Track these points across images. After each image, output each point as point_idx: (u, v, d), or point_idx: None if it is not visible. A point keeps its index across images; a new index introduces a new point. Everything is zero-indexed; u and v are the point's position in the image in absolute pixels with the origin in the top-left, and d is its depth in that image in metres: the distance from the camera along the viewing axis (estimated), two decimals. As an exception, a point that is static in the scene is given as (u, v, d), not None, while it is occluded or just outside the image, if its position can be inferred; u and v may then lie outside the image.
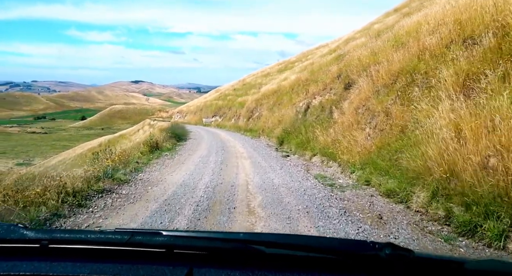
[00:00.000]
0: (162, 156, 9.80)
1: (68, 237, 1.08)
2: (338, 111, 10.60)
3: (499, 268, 1.04)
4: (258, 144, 13.81)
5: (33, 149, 62.75)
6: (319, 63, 20.33)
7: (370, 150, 6.78)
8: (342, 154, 7.38)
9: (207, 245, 1.04)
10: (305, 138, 10.96)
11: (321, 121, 10.86)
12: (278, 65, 41.49)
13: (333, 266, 1.00)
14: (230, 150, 11.27)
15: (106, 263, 0.96)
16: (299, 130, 12.26)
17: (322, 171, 7.52)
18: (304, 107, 13.30)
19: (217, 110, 34.00)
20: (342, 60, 14.08)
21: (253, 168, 7.72)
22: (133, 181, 6.12)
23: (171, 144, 13.19)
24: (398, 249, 0.97)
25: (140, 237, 1.04)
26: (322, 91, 13.22)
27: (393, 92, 7.66)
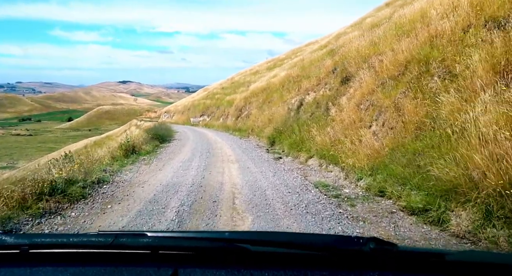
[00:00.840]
0: (139, 161, 8.52)
1: (49, 242, 1.04)
2: (335, 108, 9.48)
3: (478, 259, 1.04)
4: (247, 145, 12.62)
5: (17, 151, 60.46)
6: (310, 59, 19.29)
7: (381, 152, 5.65)
8: (346, 157, 6.23)
9: (193, 245, 1.03)
10: (299, 138, 9.81)
11: (316, 119, 9.73)
12: (267, 63, 40.29)
13: (318, 262, 0.98)
14: (216, 153, 10.04)
15: (89, 267, 0.94)
16: (292, 129, 11.11)
17: (323, 178, 6.36)
18: (296, 104, 12.16)
19: (205, 110, 32.66)
20: (337, 54, 12.98)
21: (242, 174, 6.52)
22: (92, 197, 4.87)
23: (152, 146, 11.90)
24: (382, 243, 0.99)
25: (124, 239, 1.02)
26: (316, 86, 12.09)
27: (402, 84, 6.55)
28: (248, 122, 18.90)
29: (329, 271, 0.96)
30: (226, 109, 26.24)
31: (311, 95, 11.73)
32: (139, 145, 10.90)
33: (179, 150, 11.13)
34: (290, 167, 7.68)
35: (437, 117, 4.94)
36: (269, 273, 0.94)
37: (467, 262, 0.98)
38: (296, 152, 9.35)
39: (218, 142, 13.81)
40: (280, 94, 17.65)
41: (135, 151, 9.71)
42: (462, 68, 4.93)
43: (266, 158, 9.07)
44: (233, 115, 22.88)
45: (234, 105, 24.26)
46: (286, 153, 10.10)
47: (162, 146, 12.53)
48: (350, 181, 5.86)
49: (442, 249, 2.55)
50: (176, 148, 11.67)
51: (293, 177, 6.34)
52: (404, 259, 0.99)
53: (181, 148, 11.60)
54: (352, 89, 9.13)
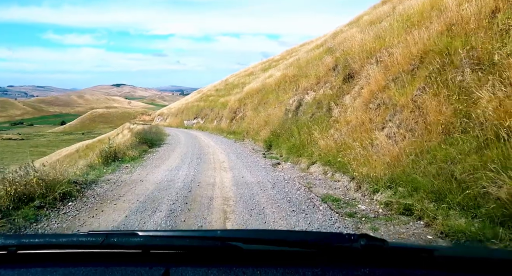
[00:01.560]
0: (120, 169, 7.52)
1: (37, 242, 1.02)
2: (338, 108, 8.57)
3: (466, 254, 1.09)
4: (242, 149, 11.67)
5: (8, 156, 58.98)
6: (306, 58, 18.45)
7: (400, 159, 4.72)
8: (358, 165, 5.30)
9: (184, 244, 1.02)
10: (299, 141, 8.89)
11: (318, 121, 8.81)
12: (262, 64, 39.38)
13: (310, 260, 0.99)
14: (208, 159, 9.08)
15: (79, 267, 0.92)
16: (290, 131, 10.18)
17: (330, 189, 5.43)
18: (295, 105, 11.24)
19: (199, 112, 31.67)
20: (336, 51, 12.10)
21: (236, 186, 5.56)
22: (48, 219, 3.88)
23: (139, 151, 10.91)
24: (372, 239, 1.00)
25: (115, 238, 1.00)
26: (315, 85, 11.19)
27: (419, 78, 5.65)
28: (243, 125, 17.97)
29: (321, 268, 0.95)
30: (220, 111, 25.29)
31: (311, 95, 10.82)
32: (123, 150, 9.91)
33: (167, 155, 10.15)
34: (291, 175, 6.74)
35: (472, 117, 4.04)
36: (261, 271, 0.93)
37: (456, 257, 1.02)
38: (296, 157, 8.42)
39: (210, 146, 12.84)
40: (276, 95, 16.78)
41: (117, 158, 8.71)
42: (503, 56, 4.03)
43: (263, 165, 8.12)
44: (227, 117, 21.94)
45: (228, 107, 23.32)
46: (285, 158, 9.17)
47: (150, 151, 11.54)
48: (363, 193, 4.93)
49: (432, 245, 2.48)
50: (165, 153, 10.68)
51: (295, 189, 5.40)
52: (395, 255, 0.99)
53: (171, 153, 10.62)
54: (358, 87, 8.23)
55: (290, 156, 8.93)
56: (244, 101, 21.34)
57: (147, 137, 13.49)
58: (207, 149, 11.52)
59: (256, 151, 11.17)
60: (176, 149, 12.10)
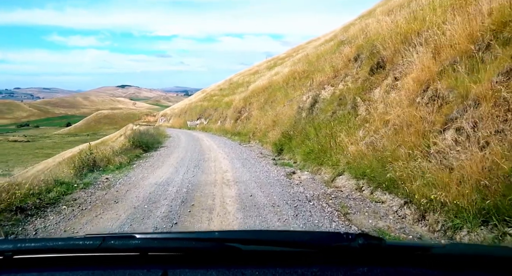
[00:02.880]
0: (96, 183, 5.93)
1: (34, 246, 0.99)
2: (366, 105, 6.93)
3: (463, 251, 1.07)
4: (248, 154, 10.05)
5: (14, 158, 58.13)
6: (317, 53, 16.84)
7: (490, 176, 3.08)
8: (426, 186, 3.62)
9: (182, 246, 1.00)
10: (317, 145, 7.25)
11: (341, 120, 7.17)
12: (267, 62, 37.76)
13: (308, 259, 0.97)
14: (208, 168, 7.47)
15: (76, 271, 0.91)
16: (305, 133, 8.55)
17: (376, 217, 3.78)
18: (309, 102, 9.59)
19: (202, 112, 30.09)
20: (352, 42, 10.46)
21: (243, 213, 3.94)
22: None
23: (130, 157, 9.35)
24: (370, 238, 0.99)
25: (112, 241, 0.98)
26: (332, 79, 9.55)
27: (500, 60, 3.98)
28: (249, 125, 16.36)
29: (319, 267, 0.94)
30: (224, 111, 23.68)
31: (328, 90, 9.17)
32: (109, 157, 8.33)
33: (161, 162, 8.56)
34: (314, 192, 5.10)
35: None
36: (260, 272, 0.92)
37: (452, 255, 1.00)
38: (316, 165, 6.79)
39: (212, 150, 11.24)
40: (284, 92, 15.18)
41: (97, 167, 7.12)
42: None
43: (275, 175, 6.49)
44: (232, 118, 20.35)
45: (232, 106, 21.71)
46: (300, 165, 7.54)
47: (143, 157, 9.97)
48: (431, 227, 3.28)
49: (429, 243, 2.36)
50: (159, 159, 9.11)
51: (327, 217, 3.76)
52: (392, 253, 0.99)
53: (165, 160, 9.03)
54: (391, 77, 6.58)
55: (307, 164, 7.30)
56: (249, 100, 19.74)
57: (142, 140, 11.93)
58: (208, 154, 9.92)
59: (264, 156, 9.55)
60: (173, 153, 10.52)
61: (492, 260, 0.99)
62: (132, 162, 8.86)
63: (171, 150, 11.81)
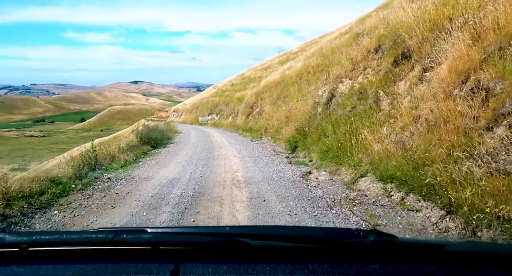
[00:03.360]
0: (96, 183, 5.47)
1: (48, 239, 1.00)
2: (390, 98, 6.29)
3: (477, 249, 1.04)
4: (260, 151, 9.50)
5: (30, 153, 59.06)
6: (331, 47, 16.15)
7: None
8: (480, 197, 3.00)
9: (193, 241, 1.00)
10: (336, 143, 6.65)
11: (362, 116, 6.54)
12: (279, 57, 37.01)
13: (319, 255, 0.95)
14: (217, 166, 6.96)
15: (89, 264, 0.91)
16: (321, 129, 7.95)
17: (417, 232, 3.18)
18: (326, 96, 8.96)
19: (214, 108, 29.62)
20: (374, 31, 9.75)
21: (255, 221, 3.42)
22: None
23: (137, 154, 8.94)
24: (382, 235, 0.97)
25: (124, 235, 0.99)
26: (350, 72, 8.89)
27: None
28: (261, 121, 15.81)
29: (330, 263, 0.92)
30: (236, 107, 23.15)
31: (347, 84, 8.52)
32: (113, 154, 7.90)
33: (169, 160, 8.09)
34: (335, 196, 4.52)
35: None
36: (270, 267, 0.91)
37: (466, 252, 0.97)
38: (334, 164, 6.19)
39: (223, 146, 10.73)
40: (298, 87, 14.56)
41: (99, 166, 6.68)
42: None
43: (289, 175, 5.93)
44: (243, 113, 19.81)
45: (244, 102, 21.16)
46: (317, 164, 6.96)
47: (150, 154, 9.54)
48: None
49: (442, 240, 2.26)
50: (167, 157, 8.65)
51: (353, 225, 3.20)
52: (404, 250, 0.97)
53: (173, 157, 8.57)
54: (418, 68, 5.92)
55: (324, 163, 6.72)
56: (261, 95, 19.16)
57: (150, 137, 11.50)
58: (218, 151, 9.41)
59: (277, 153, 8.99)
60: (182, 150, 10.06)
61: (507, 257, 0.96)
62: (138, 159, 8.43)
63: (180, 146, 11.36)
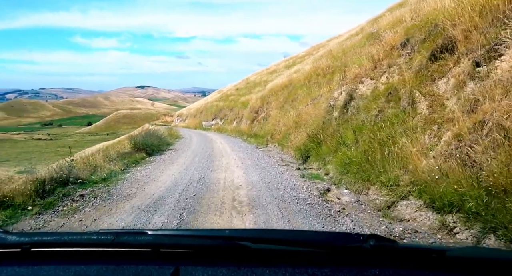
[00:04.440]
0: (62, 204, 4.27)
1: (50, 240, 1.00)
2: (428, 100, 5.04)
3: (478, 255, 1.01)
4: (267, 160, 8.27)
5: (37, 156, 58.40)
6: (342, 48, 14.97)
7: None
8: None
9: (193, 243, 1.00)
10: (360, 154, 5.39)
11: (393, 121, 5.28)
12: (285, 62, 35.87)
13: (319, 260, 0.94)
14: (216, 180, 5.73)
15: (90, 265, 0.91)
16: (339, 137, 6.70)
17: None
18: (343, 99, 7.69)
19: (218, 112, 28.46)
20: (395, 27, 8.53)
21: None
22: None
23: (126, 163, 7.77)
24: (382, 240, 0.96)
25: (125, 237, 0.99)
26: (371, 71, 7.64)
27: None
28: (267, 126, 14.60)
29: (330, 268, 0.91)
30: (240, 111, 21.96)
31: (368, 84, 7.27)
32: (96, 164, 6.70)
33: (160, 171, 6.88)
34: (371, 229, 3.26)
35: None
36: (270, 271, 0.89)
37: (468, 258, 0.95)
38: (360, 181, 4.93)
39: (225, 155, 9.51)
40: (307, 90, 13.36)
41: (75, 178, 5.47)
42: None
43: (305, 195, 4.68)
44: (248, 118, 18.61)
45: (249, 106, 19.96)
46: (335, 179, 5.71)
47: (143, 163, 8.35)
48: None
49: (443, 246, 2.14)
50: (160, 167, 7.45)
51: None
52: (405, 255, 0.95)
53: (167, 167, 7.36)
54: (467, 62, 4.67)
55: (345, 178, 5.46)
56: (267, 99, 17.96)
57: (146, 143, 10.33)
58: (219, 161, 8.18)
59: (286, 163, 7.75)
60: (179, 158, 8.85)
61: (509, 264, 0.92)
62: (127, 169, 7.24)
63: (178, 154, 10.17)
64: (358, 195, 4.73)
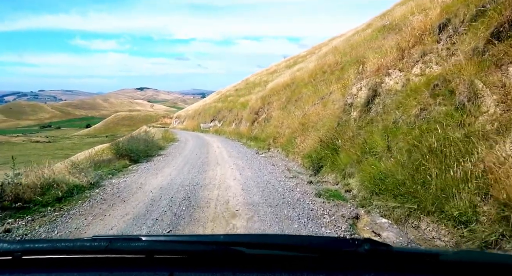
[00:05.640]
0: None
1: (42, 247, 0.96)
2: (497, 93, 3.59)
3: (472, 259, 0.98)
4: (270, 170, 6.82)
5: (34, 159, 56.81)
6: (350, 43, 13.57)
7: None
8: None
9: (188, 249, 0.97)
10: (400, 168, 3.94)
11: (447, 123, 3.83)
12: (286, 62, 34.43)
13: (313, 264, 0.93)
14: (205, 203, 4.28)
15: (83, 272, 0.89)
16: (363, 142, 5.26)
17: None
18: (365, 96, 6.23)
19: (216, 114, 26.98)
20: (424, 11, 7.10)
21: None
22: None
23: (100, 174, 6.33)
24: (376, 244, 0.95)
25: (119, 243, 0.97)
26: (399, 61, 6.19)
27: None
28: (268, 128, 13.14)
29: (325, 273, 0.90)
30: (240, 113, 20.49)
31: (396, 77, 5.82)
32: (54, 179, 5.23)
33: (138, 186, 5.43)
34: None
35: None
36: None
37: (461, 262, 0.94)
38: (404, 207, 3.48)
39: (221, 162, 8.06)
40: (313, 88, 11.95)
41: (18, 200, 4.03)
42: None
43: (328, 228, 3.24)
44: (248, 119, 17.17)
45: (248, 107, 18.51)
46: (361, 199, 4.28)
47: (122, 173, 6.92)
48: None
49: (437, 249, 2.20)
50: (139, 179, 6.00)
51: None
52: (399, 259, 0.93)
53: (148, 180, 5.91)
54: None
55: (376, 198, 4.01)
56: (268, 99, 16.52)
57: (130, 148, 8.89)
58: (212, 171, 6.72)
59: (294, 174, 6.30)
60: (165, 168, 7.41)
61: (505, 268, 0.91)
62: (99, 183, 5.79)
63: (167, 160, 8.73)
64: (403, 228, 3.29)
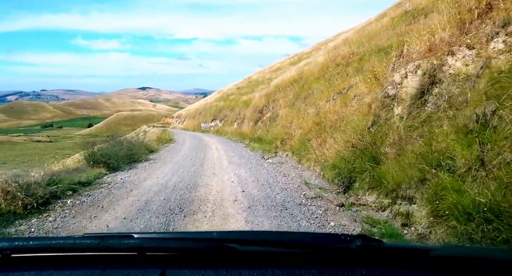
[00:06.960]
0: None
1: (32, 245, 0.95)
2: None
3: (462, 254, 1.00)
4: (283, 184, 5.10)
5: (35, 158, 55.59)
6: (366, 32, 11.99)
7: None
8: None
9: (180, 246, 0.96)
10: None
11: None
12: (290, 59, 32.68)
13: (307, 260, 0.92)
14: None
15: (74, 270, 0.87)
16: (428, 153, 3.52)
17: None
18: (416, 84, 4.46)
19: (217, 113, 25.22)
20: None
21: None
22: None
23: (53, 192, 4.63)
24: (368, 240, 0.95)
25: (110, 241, 0.95)
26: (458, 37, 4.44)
27: None
28: (274, 129, 11.41)
29: (317, 268, 0.89)
30: (242, 111, 18.72)
31: (464, 56, 4.08)
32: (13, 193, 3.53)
33: (95, 213, 3.73)
34: None
35: None
36: (258, 273, 0.87)
37: (452, 257, 0.95)
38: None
39: (219, 171, 6.34)
40: (326, 83, 10.27)
41: None
42: None
43: None
44: (251, 119, 15.42)
45: (251, 105, 16.75)
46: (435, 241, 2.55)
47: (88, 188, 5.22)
48: None
49: (428, 245, 2.21)
50: (104, 201, 4.31)
51: None
52: (391, 255, 0.94)
53: (114, 204, 4.22)
54: None
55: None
56: (273, 97, 14.79)
57: (109, 153, 7.20)
58: (206, 187, 5.00)
59: (316, 193, 4.59)
60: (147, 180, 5.71)
61: (495, 262, 0.92)
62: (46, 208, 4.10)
63: (154, 168, 7.04)
64: None
